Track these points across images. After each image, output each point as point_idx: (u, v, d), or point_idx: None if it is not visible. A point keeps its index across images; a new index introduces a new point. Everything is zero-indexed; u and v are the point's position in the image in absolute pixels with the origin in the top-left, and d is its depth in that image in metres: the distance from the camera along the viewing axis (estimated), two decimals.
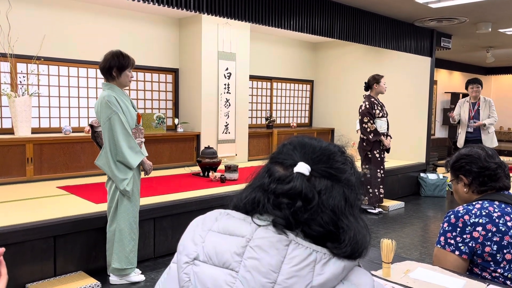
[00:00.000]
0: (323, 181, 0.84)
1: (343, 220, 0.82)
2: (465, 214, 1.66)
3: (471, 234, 1.62)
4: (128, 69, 3.12)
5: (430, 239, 4.59)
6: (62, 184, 4.49)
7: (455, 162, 1.82)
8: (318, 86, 8.48)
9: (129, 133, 3.07)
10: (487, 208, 1.66)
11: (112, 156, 3.05)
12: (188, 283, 0.83)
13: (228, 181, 4.83)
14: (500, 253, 1.58)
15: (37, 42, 4.90)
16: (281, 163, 0.87)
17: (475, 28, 6.33)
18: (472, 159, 1.77)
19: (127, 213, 3.14)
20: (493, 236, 1.60)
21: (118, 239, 3.14)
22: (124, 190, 3.08)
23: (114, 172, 3.06)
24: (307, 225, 0.81)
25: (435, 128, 10.61)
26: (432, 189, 6.63)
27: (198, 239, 0.86)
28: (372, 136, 5.26)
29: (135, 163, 3.09)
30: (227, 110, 6.28)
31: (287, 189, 0.82)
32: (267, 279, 0.76)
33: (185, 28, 6.16)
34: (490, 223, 1.61)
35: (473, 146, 1.84)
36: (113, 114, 3.01)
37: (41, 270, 3.11)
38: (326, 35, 5.13)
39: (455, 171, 1.83)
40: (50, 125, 5.17)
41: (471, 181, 1.77)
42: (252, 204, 0.85)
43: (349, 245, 0.81)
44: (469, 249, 1.62)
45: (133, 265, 3.21)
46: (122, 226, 3.13)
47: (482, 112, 6.05)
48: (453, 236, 1.66)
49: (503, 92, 12.27)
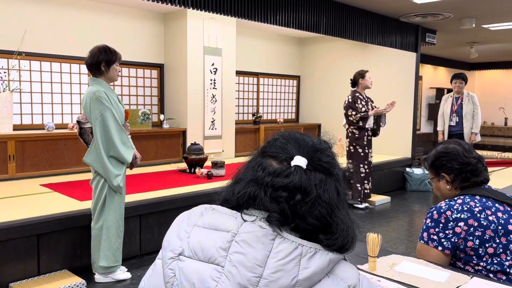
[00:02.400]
0: (318, 175, 0.85)
1: (336, 214, 0.84)
2: (447, 209, 1.67)
3: (454, 230, 1.63)
4: (116, 63, 3.10)
5: (416, 233, 4.64)
6: (46, 182, 4.42)
7: (435, 161, 1.82)
8: (305, 82, 8.50)
9: (121, 128, 3.06)
10: (468, 203, 1.67)
11: (104, 151, 3.01)
12: (173, 278, 0.82)
13: (215, 178, 4.81)
14: (483, 247, 1.60)
15: (18, 37, 4.80)
16: (275, 157, 0.87)
17: (459, 23, 6.40)
18: (452, 156, 1.77)
19: (115, 211, 3.11)
20: (475, 230, 1.61)
21: (106, 237, 3.10)
22: (117, 186, 3.04)
23: (108, 168, 3.01)
24: (303, 219, 0.82)
25: (420, 123, 10.73)
26: (418, 183, 6.70)
27: (183, 234, 0.86)
28: (362, 123, 5.27)
29: (129, 157, 3.09)
30: (214, 106, 6.25)
31: (287, 183, 0.82)
32: (252, 273, 0.76)
33: (170, 23, 6.10)
34: (472, 218, 1.63)
35: (449, 142, 1.84)
36: (106, 110, 2.98)
37: (25, 269, 3.06)
38: (312, 30, 5.13)
39: (436, 170, 1.83)
40: (33, 121, 5.08)
41: (453, 178, 1.77)
42: (248, 198, 0.84)
43: (341, 237, 0.82)
44: (452, 244, 1.63)
45: (119, 262, 3.18)
46: (109, 224, 3.10)
47: (465, 107, 6.14)
48: (436, 232, 1.67)
49: (487, 87, 12.47)
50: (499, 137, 11.73)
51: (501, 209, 1.67)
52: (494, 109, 12.13)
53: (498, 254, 1.59)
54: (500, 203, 1.69)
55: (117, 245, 3.15)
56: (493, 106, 12.15)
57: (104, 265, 3.11)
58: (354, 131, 5.36)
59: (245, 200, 0.85)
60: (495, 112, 12.13)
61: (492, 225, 1.61)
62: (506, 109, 12.01)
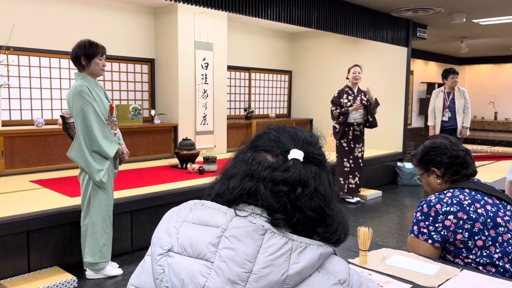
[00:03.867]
0: (313, 167, 0.85)
1: (331, 205, 0.85)
2: (437, 203, 1.68)
3: (443, 223, 1.64)
4: (98, 57, 3.02)
5: (407, 227, 4.67)
6: (35, 178, 4.37)
7: (424, 156, 1.82)
8: (297, 77, 8.49)
9: (104, 123, 3.00)
10: (458, 196, 1.68)
11: (86, 146, 2.98)
12: (162, 275, 0.81)
13: (206, 173, 4.80)
14: (472, 240, 1.61)
15: (6, 31, 4.73)
16: (269, 151, 0.86)
17: (450, 18, 6.43)
18: (440, 151, 1.78)
19: (100, 206, 3.08)
20: (464, 223, 1.62)
21: (91, 232, 3.08)
22: (100, 182, 3.01)
23: (90, 163, 2.99)
24: (302, 212, 0.82)
25: (411, 118, 10.79)
26: (409, 178, 6.75)
27: (173, 230, 0.85)
28: (341, 119, 5.31)
29: (111, 152, 3.03)
30: (205, 101, 6.22)
31: (287, 177, 0.82)
32: (242, 269, 0.75)
33: (160, 17, 6.05)
34: (461, 211, 1.64)
35: (435, 137, 1.85)
36: (87, 104, 2.94)
37: (15, 266, 3.03)
38: (304, 25, 5.12)
39: (426, 165, 1.83)
40: (22, 117, 5.02)
41: (443, 172, 1.78)
42: (246, 194, 0.83)
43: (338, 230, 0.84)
44: (442, 237, 1.65)
45: (106, 258, 3.15)
46: (95, 219, 3.07)
47: (457, 101, 6.15)
48: (426, 225, 1.68)
49: (477, 82, 12.56)
50: (488, 131, 11.84)
51: (490, 202, 1.68)
52: (484, 103, 12.23)
53: (487, 246, 1.60)
54: (489, 196, 1.70)
55: (104, 241, 3.11)
56: (483, 100, 12.24)
57: (90, 261, 3.08)
58: (335, 125, 5.42)
59: (244, 194, 0.84)
60: (485, 107, 12.23)
61: (481, 218, 1.62)
62: (496, 103, 12.11)
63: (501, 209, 1.68)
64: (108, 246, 3.15)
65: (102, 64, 3.07)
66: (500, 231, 1.62)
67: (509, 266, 1.60)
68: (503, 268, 1.59)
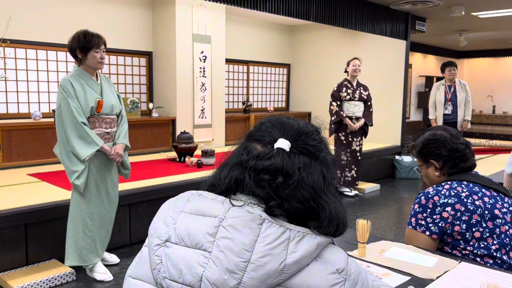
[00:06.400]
0: (302, 158, 0.84)
1: (323, 197, 0.83)
2: (435, 195, 1.68)
3: (441, 215, 1.65)
4: (94, 49, 2.82)
5: (405, 220, 4.68)
6: (33, 171, 4.36)
7: (423, 148, 1.82)
8: (295, 70, 8.47)
9: (78, 121, 2.76)
10: (455, 188, 1.68)
11: (64, 145, 2.81)
12: (160, 265, 0.81)
13: (204, 166, 4.79)
14: (469, 232, 1.61)
15: (2, 23, 4.69)
16: (259, 140, 0.87)
17: (448, 11, 6.40)
18: (440, 143, 1.77)
19: (79, 209, 2.90)
20: (462, 215, 1.62)
21: (70, 234, 2.92)
22: (74, 184, 2.82)
23: (66, 163, 2.81)
24: (288, 202, 0.81)
25: (410, 111, 10.78)
26: (407, 171, 6.75)
27: (170, 220, 0.85)
28: (334, 118, 5.32)
29: (83, 154, 2.76)
30: (203, 94, 6.20)
31: (268, 165, 0.82)
32: (240, 258, 0.75)
33: (158, 9, 6.01)
34: (459, 203, 1.64)
35: (436, 129, 1.84)
36: (63, 101, 2.77)
37: (13, 259, 3.03)
38: (302, 17, 5.09)
39: (425, 157, 1.83)
40: (19, 110, 4.99)
41: (442, 164, 1.78)
42: (235, 183, 0.84)
43: (331, 221, 0.82)
44: (439, 229, 1.65)
45: (87, 262, 2.96)
46: (75, 221, 2.91)
47: (459, 95, 6.14)
48: (423, 217, 1.68)
49: (475, 75, 12.55)
50: (487, 125, 11.86)
51: (487, 194, 1.68)
52: (482, 97, 12.23)
53: (484, 238, 1.61)
54: (486, 188, 1.70)
55: (84, 245, 2.91)
56: (482, 94, 12.24)
57: (69, 264, 2.93)
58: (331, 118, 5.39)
59: (232, 184, 0.84)
60: (483, 100, 12.23)
61: (479, 210, 1.63)
62: (494, 97, 12.11)
63: (498, 201, 1.68)
64: (90, 249, 2.95)
65: (100, 57, 2.86)
66: (498, 222, 1.63)
67: (506, 258, 1.60)
68: (500, 259, 1.59)
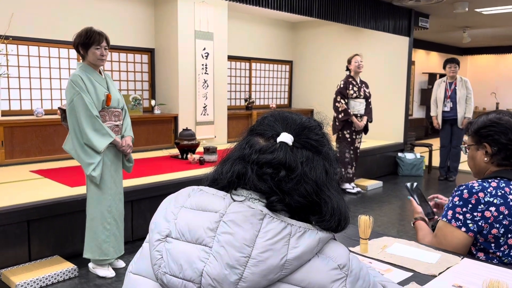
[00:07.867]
0: (305, 152, 0.84)
1: (325, 192, 0.83)
2: (480, 191, 1.55)
3: (483, 213, 1.53)
4: (94, 46, 2.89)
5: (407, 217, 4.67)
6: (35, 168, 4.37)
7: (482, 128, 1.64)
8: (297, 67, 8.45)
9: (92, 115, 2.86)
10: (503, 188, 1.55)
11: (78, 139, 2.88)
12: (161, 260, 0.81)
13: (207, 163, 4.79)
14: (504, 237, 1.52)
15: (4, 20, 4.69)
16: (262, 135, 0.87)
17: (452, 7, 6.37)
18: (502, 129, 1.60)
19: (97, 201, 2.95)
20: (503, 218, 1.52)
21: (89, 228, 2.97)
22: (91, 176, 2.89)
23: (81, 156, 2.88)
24: (290, 196, 0.81)
25: (412, 108, 10.74)
26: (410, 168, 6.74)
27: (171, 216, 0.84)
28: (341, 116, 5.29)
29: (100, 145, 2.87)
30: (205, 91, 6.19)
31: (271, 159, 0.82)
32: (241, 253, 0.75)
33: (160, 6, 6.00)
34: (504, 205, 1.52)
35: (504, 113, 1.64)
36: (76, 95, 2.84)
37: (15, 255, 3.04)
38: (305, 14, 5.08)
39: (480, 138, 1.65)
40: (21, 107, 5.00)
41: (495, 151, 1.61)
42: (237, 177, 0.84)
43: (333, 216, 0.82)
44: (478, 227, 1.54)
45: (108, 256, 3.00)
46: (93, 215, 2.96)
47: (459, 92, 6.13)
48: (462, 212, 1.56)
49: (479, 72, 12.49)
50: None
51: None
52: (486, 94, 12.17)
53: None
54: None
55: (104, 238, 2.97)
56: (485, 91, 12.19)
57: (89, 257, 2.99)
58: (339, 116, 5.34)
59: (235, 178, 0.84)
60: (487, 97, 12.17)
61: None
62: (498, 94, 12.06)
63: None
64: (111, 243, 3.01)
65: (100, 54, 2.93)
66: None
67: None
68: None
